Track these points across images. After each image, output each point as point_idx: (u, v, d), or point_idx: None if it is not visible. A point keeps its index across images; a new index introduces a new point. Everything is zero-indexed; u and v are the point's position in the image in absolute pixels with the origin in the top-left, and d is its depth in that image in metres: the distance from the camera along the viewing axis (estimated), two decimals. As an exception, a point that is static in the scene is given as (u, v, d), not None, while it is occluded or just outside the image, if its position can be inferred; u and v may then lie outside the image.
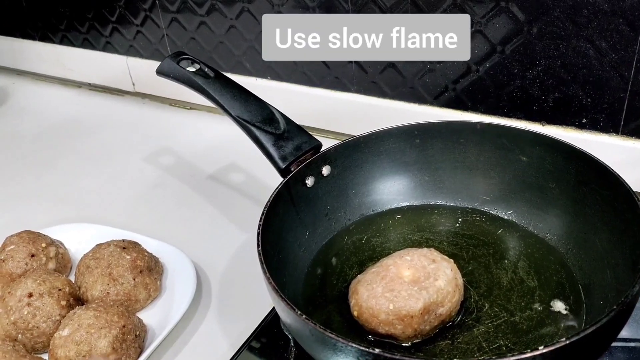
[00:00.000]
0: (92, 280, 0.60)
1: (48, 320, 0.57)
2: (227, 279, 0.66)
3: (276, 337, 0.57)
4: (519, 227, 0.61)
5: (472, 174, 0.64)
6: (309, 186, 0.60)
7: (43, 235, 0.67)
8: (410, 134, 0.63)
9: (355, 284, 0.53)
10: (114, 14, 0.99)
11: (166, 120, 1.00)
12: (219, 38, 0.90)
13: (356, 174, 0.64)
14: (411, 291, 0.49)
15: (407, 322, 0.49)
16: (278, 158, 0.59)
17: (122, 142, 0.96)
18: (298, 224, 0.60)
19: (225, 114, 0.61)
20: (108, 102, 1.08)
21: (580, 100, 0.68)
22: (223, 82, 0.63)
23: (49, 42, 1.11)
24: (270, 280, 0.46)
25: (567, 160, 0.58)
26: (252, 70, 0.90)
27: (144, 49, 1.00)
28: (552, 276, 0.55)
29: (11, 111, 1.10)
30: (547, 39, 0.67)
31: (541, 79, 0.69)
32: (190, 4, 0.90)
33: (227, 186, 0.82)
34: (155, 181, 0.85)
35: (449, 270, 0.52)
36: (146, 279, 0.61)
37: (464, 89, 0.75)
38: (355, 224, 0.64)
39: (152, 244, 0.66)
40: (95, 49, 1.06)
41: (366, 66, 0.80)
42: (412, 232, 0.62)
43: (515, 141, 0.61)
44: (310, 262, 0.60)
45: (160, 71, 0.65)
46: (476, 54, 0.71)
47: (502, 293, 0.54)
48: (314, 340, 0.44)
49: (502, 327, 0.51)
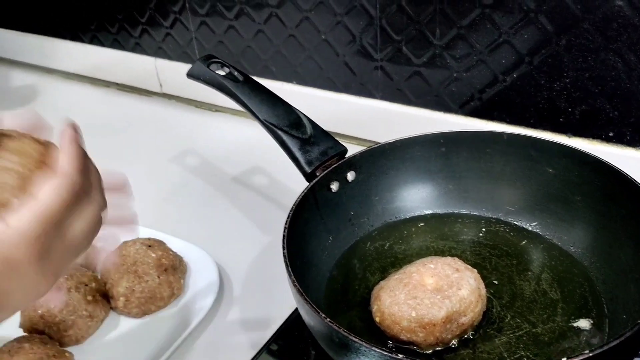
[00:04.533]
0: (118, 277, 0.62)
1: (74, 315, 0.58)
2: (249, 281, 0.67)
3: (296, 340, 0.57)
4: (543, 238, 0.61)
5: (497, 184, 0.63)
6: (333, 191, 0.61)
7: (71, 232, 0.68)
8: (435, 142, 0.64)
9: (377, 290, 0.54)
10: (144, 16, 1.01)
11: (192, 121, 1.02)
12: (247, 42, 0.91)
13: (380, 180, 0.64)
14: (434, 299, 0.50)
15: (429, 330, 0.49)
16: (304, 162, 0.59)
17: (148, 142, 0.97)
18: (322, 228, 0.60)
19: (253, 117, 0.62)
20: (135, 102, 1.10)
21: (608, 113, 0.68)
22: (252, 86, 0.64)
23: (79, 41, 1.13)
24: (295, 283, 0.47)
25: (593, 173, 0.57)
26: (278, 75, 0.91)
27: (173, 51, 1.02)
28: (576, 289, 0.55)
29: (40, 108, 1.11)
30: (576, 51, 0.66)
31: (568, 90, 0.69)
32: (219, 8, 0.91)
33: (250, 188, 0.82)
34: (180, 181, 0.86)
35: (473, 279, 0.52)
36: (170, 277, 0.62)
37: (489, 99, 0.75)
38: (378, 230, 0.64)
39: (176, 243, 0.67)
40: (125, 50, 1.08)
41: (392, 73, 0.80)
42: (435, 241, 0.63)
43: (542, 152, 0.60)
44: (332, 266, 0.60)
45: (191, 74, 0.66)
46: (503, 64, 0.71)
47: (524, 304, 0.54)
48: (337, 344, 0.44)
49: (524, 338, 0.51)
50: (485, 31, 0.70)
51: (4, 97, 1.17)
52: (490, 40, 0.71)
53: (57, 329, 0.58)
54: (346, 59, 0.83)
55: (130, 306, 0.61)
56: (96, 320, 0.60)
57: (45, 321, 0.58)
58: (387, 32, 0.78)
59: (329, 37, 0.83)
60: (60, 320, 0.58)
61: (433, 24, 0.73)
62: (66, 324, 0.58)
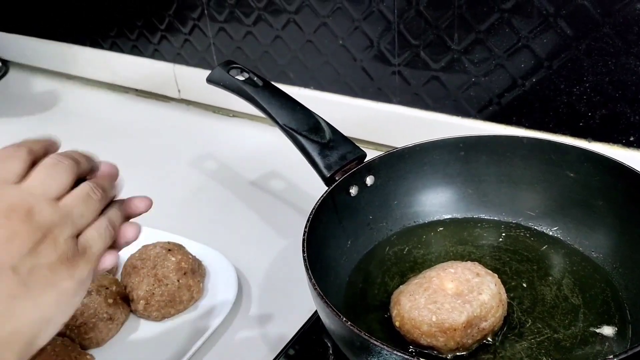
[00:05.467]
0: (138, 280, 0.62)
1: (95, 318, 0.59)
2: (268, 284, 0.67)
3: (315, 344, 0.57)
4: (564, 243, 0.60)
5: (517, 188, 0.63)
6: (352, 195, 0.61)
7: (92, 235, 0.69)
8: (455, 147, 0.63)
9: (397, 295, 0.53)
10: (163, 23, 1.02)
11: (210, 126, 1.02)
12: (264, 48, 0.92)
13: (399, 184, 0.64)
14: (454, 304, 0.49)
15: (450, 335, 0.49)
16: (323, 167, 0.59)
17: (166, 147, 0.98)
18: (341, 232, 0.60)
19: (272, 122, 0.62)
20: (154, 107, 1.11)
21: (628, 117, 0.67)
22: (271, 91, 0.64)
23: (98, 48, 1.15)
24: (315, 286, 0.47)
25: (615, 178, 0.57)
26: (295, 80, 0.92)
27: (191, 57, 1.02)
28: (598, 295, 0.55)
29: (60, 114, 1.14)
30: (596, 55, 0.66)
31: (588, 95, 0.69)
32: (237, 14, 0.92)
33: (268, 193, 0.83)
34: (199, 186, 0.86)
35: (493, 284, 0.52)
36: (190, 281, 0.63)
37: (508, 103, 0.74)
38: (397, 234, 0.64)
39: (195, 247, 0.68)
40: (144, 56, 1.09)
41: (409, 78, 0.80)
42: (454, 245, 0.62)
43: (563, 157, 0.60)
44: (351, 271, 0.60)
45: (211, 79, 0.66)
46: (522, 69, 0.71)
47: (545, 310, 0.54)
48: (357, 347, 0.44)
49: (545, 343, 0.51)
50: (504, 35, 0.70)
51: (26, 103, 1.19)
52: (509, 44, 0.70)
53: (78, 331, 0.58)
54: (364, 64, 0.83)
55: (150, 309, 0.61)
56: (116, 323, 0.61)
57: (67, 323, 0.58)
58: (404, 37, 0.78)
59: (347, 42, 0.83)
60: (81, 322, 0.58)
61: (451, 28, 0.73)
62: (87, 327, 0.58)
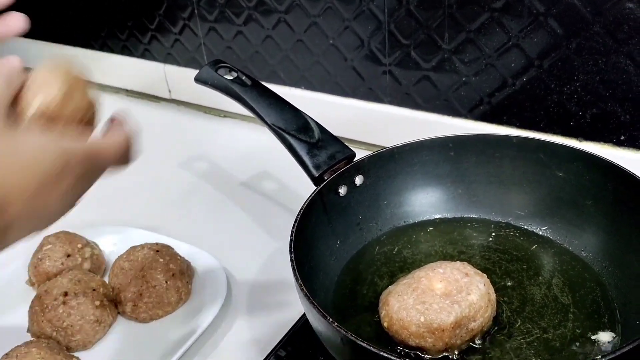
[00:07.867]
0: (126, 282, 0.61)
1: (82, 320, 0.58)
2: (257, 286, 0.66)
3: (304, 346, 0.57)
4: (553, 243, 0.60)
5: (506, 188, 0.63)
6: (341, 195, 0.60)
7: (79, 236, 0.68)
8: (444, 146, 0.63)
9: (386, 295, 0.53)
10: (153, 22, 1.02)
11: (200, 127, 1.02)
12: (255, 47, 0.92)
13: (389, 184, 0.64)
14: (443, 304, 0.49)
15: (438, 336, 0.48)
16: (312, 166, 0.59)
17: (157, 148, 0.97)
18: (330, 232, 0.60)
19: (261, 121, 0.62)
20: (144, 108, 1.10)
21: (619, 117, 0.67)
22: (260, 90, 0.63)
23: (89, 48, 1.14)
24: (302, 287, 0.46)
25: (605, 177, 0.57)
26: (286, 80, 0.91)
27: (181, 57, 1.02)
28: (587, 294, 0.54)
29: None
30: (586, 54, 0.66)
31: (579, 94, 0.68)
32: (228, 14, 0.91)
33: (259, 194, 0.82)
34: (188, 187, 0.86)
35: (482, 284, 0.51)
36: (178, 282, 0.62)
37: (499, 103, 0.74)
38: (387, 234, 0.64)
39: (184, 248, 0.67)
40: (134, 56, 1.08)
41: (400, 77, 0.80)
42: (444, 245, 0.62)
43: (552, 156, 0.60)
44: (340, 271, 0.60)
45: (199, 78, 0.66)
46: (513, 68, 0.71)
47: (535, 309, 0.54)
48: (345, 349, 0.44)
49: (535, 343, 0.50)
50: (495, 35, 0.70)
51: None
52: (500, 44, 0.70)
53: (64, 333, 0.58)
54: (354, 64, 0.83)
55: (138, 311, 0.61)
56: (104, 325, 0.60)
57: (53, 325, 0.58)
58: (395, 37, 0.77)
59: (337, 42, 0.83)
60: (67, 325, 0.58)
61: (442, 28, 0.73)
62: (73, 329, 0.58)
